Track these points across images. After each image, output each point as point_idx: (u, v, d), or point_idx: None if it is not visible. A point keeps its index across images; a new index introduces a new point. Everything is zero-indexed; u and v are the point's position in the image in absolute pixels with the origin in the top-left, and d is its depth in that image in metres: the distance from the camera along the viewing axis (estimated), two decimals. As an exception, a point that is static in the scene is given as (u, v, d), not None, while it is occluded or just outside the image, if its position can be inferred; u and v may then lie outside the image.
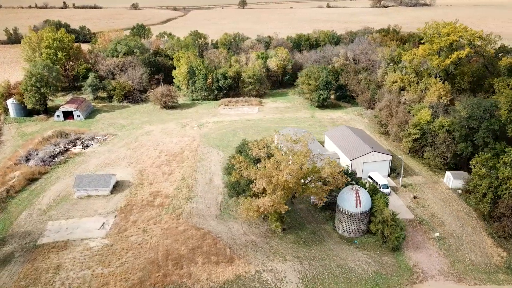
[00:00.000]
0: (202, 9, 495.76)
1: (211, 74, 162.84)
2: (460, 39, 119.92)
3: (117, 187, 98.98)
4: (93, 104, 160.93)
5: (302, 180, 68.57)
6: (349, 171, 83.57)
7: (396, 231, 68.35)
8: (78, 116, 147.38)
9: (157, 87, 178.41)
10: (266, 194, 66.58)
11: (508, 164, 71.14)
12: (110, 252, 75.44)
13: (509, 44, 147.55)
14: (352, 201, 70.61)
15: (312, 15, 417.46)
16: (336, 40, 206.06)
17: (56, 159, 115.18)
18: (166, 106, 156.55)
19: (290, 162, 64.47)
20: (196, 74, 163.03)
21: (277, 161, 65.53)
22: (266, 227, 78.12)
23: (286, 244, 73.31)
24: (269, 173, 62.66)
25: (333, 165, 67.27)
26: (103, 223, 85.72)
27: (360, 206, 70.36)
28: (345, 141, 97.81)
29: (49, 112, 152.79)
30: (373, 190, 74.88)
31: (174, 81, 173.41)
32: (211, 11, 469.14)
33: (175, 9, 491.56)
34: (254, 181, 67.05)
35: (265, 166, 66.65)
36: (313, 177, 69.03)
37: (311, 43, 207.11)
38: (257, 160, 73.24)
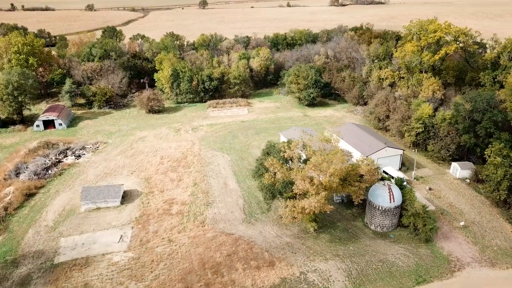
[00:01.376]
0: (162, 10, 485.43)
1: (196, 76, 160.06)
2: (446, 35, 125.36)
3: (126, 197, 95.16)
4: (72, 111, 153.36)
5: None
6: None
7: (429, 223, 70.63)
8: (60, 124, 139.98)
9: (137, 91, 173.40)
10: (306, 195, 66.53)
11: (522, 153, 75.74)
12: (139, 266, 72.41)
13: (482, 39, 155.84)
14: (385, 196, 72.16)
15: (276, 14, 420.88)
16: (312, 39, 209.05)
17: (49, 171, 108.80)
18: (152, 111, 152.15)
19: (332, 162, 64.80)
20: (181, 76, 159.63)
21: (316, 162, 65.57)
22: (297, 228, 78.06)
23: (322, 244, 73.68)
24: (320, 167, 62.40)
25: (369, 162, 68.36)
26: (121, 236, 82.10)
27: (394, 201, 72.10)
28: (356, 138, 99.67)
29: (26, 122, 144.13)
30: (400, 185, 76.89)
31: (156, 84, 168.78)
32: (171, 12, 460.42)
33: (133, 10, 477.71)
34: (294, 183, 66.75)
35: (303, 168, 66.55)
36: (352, 175, 69.80)
37: (288, 43, 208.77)
38: (288, 161, 72.95)
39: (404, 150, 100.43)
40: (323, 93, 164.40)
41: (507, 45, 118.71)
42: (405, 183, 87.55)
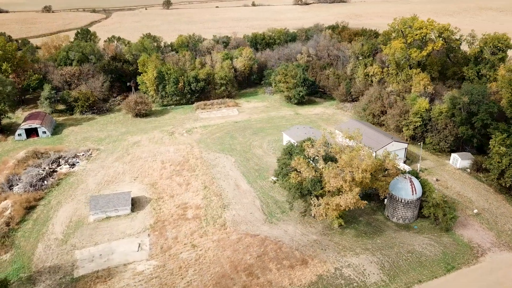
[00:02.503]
0: (124, 10, 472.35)
1: (182, 77, 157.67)
2: (431, 31, 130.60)
3: (134, 204, 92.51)
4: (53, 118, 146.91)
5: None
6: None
7: (450, 212, 73.73)
8: (44, 132, 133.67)
9: (119, 95, 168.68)
10: (339, 193, 67.59)
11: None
12: (167, 273, 70.77)
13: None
14: (408, 189, 74.55)
15: (243, 13, 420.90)
16: (291, 38, 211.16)
17: (45, 182, 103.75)
18: (139, 115, 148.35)
19: (363, 158, 66.15)
20: (166, 78, 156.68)
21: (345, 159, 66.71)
22: (321, 225, 79.01)
23: (349, 239, 75.05)
24: (351, 163, 63.46)
25: (394, 157, 70.37)
26: (139, 244, 79.84)
27: (416, 193, 74.62)
28: (362, 134, 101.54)
29: (5, 131, 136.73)
30: (416, 177, 79.58)
31: (139, 87, 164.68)
32: (135, 12, 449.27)
33: (94, 11, 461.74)
34: (322, 181, 67.56)
35: (333, 165, 67.53)
36: (378, 170, 71.49)
37: (267, 42, 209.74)
38: (312, 160, 73.69)
39: (408, 143, 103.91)
40: (309, 91, 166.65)
41: (488, 40, 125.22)
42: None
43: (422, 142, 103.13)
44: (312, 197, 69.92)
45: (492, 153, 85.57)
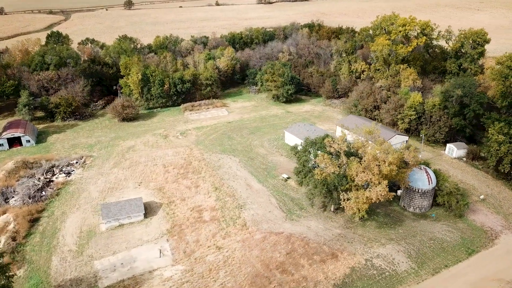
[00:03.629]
0: (83, 12, 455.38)
1: (168, 79, 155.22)
2: (414, 28, 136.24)
3: (145, 210, 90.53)
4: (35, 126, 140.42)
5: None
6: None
7: (462, 199, 77.81)
8: (28, 141, 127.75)
9: (100, 99, 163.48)
10: (362, 186, 69.62)
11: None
12: (197, 277, 70.15)
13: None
14: (424, 179, 77.90)
15: (209, 13, 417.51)
16: (269, 37, 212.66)
17: (43, 192, 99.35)
18: (126, 119, 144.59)
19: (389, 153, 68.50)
20: (151, 80, 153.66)
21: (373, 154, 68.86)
22: (341, 219, 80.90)
23: (372, 230, 77.41)
24: (377, 158, 65.61)
25: (413, 149, 73.36)
26: (160, 250, 78.45)
27: (432, 183, 78.12)
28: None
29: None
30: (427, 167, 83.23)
31: (122, 91, 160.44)
32: (96, 14, 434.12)
33: (51, 12, 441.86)
34: (347, 176, 69.39)
35: (360, 160, 69.51)
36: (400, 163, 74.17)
37: (245, 41, 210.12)
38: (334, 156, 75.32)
39: (409, 136, 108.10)
40: (296, 89, 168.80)
41: (467, 35, 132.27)
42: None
43: (424, 135, 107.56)
44: (339, 192, 71.49)
45: (491, 141, 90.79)
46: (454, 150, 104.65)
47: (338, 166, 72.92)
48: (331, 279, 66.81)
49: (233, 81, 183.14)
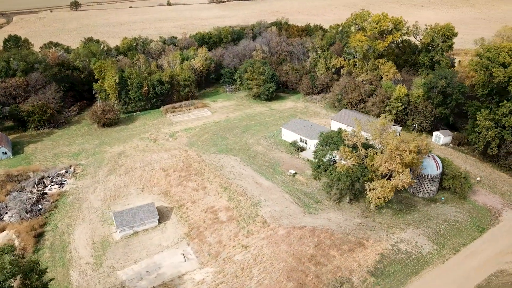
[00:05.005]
0: (25, 14, 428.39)
1: (146, 81, 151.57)
2: (389, 24, 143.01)
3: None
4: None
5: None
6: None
7: (466, 182, 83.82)
8: (5, 153, 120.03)
9: (72, 105, 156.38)
10: (386, 175, 73.06)
11: (508, 114, 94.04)
12: (231, 277, 70.24)
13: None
14: (433, 166, 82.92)
15: (164, 13, 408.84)
16: (237, 36, 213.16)
17: (40, 206, 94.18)
18: (107, 124, 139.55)
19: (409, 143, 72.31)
20: (129, 83, 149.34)
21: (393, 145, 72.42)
22: (358, 209, 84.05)
23: (389, 217, 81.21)
24: (399, 147, 69.34)
25: (423, 138, 77.89)
26: (183, 254, 77.51)
27: (440, 168, 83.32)
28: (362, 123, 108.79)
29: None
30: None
31: (97, 95, 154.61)
32: (40, 16, 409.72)
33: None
34: (372, 165, 72.51)
35: (382, 151, 72.84)
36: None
37: (214, 41, 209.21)
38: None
39: (401, 127, 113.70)
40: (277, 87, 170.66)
41: (437, 30, 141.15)
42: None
43: (417, 124, 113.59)
44: (365, 182, 74.44)
45: (479, 127, 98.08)
46: (441, 137, 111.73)
47: (358, 158, 75.77)
48: (364, 266, 69.54)
49: (208, 81, 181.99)
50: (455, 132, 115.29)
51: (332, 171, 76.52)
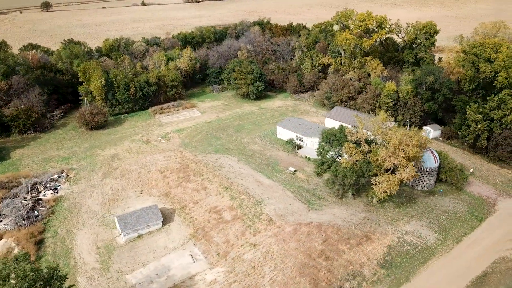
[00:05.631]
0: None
1: (133, 83, 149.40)
2: (373, 23, 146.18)
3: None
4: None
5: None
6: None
7: (462, 174, 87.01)
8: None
9: (57, 109, 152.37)
10: (390, 170, 75.05)
11: (496, 107, 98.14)
12: (243, 276, 70.60)
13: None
14: (431, 159, 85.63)
15: (140, 14, 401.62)
16: (220, 36, 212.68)
17: (36, 212, 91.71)
18: (95, 127, 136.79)
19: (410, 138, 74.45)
20: (116, 85, 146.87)
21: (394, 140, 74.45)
22: (360, 203, 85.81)
23: (392, 210, 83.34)
24: (403, 141, 71.58)
25: (422, 132, 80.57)
26: (191, 255, 77.29)
27: (437, 162, 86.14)
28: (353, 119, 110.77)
29: None
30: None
31: (82, 98, 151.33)
32: (9, 17, 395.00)
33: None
34: (375, 160, 74.41)
35: (386, 146, 74.83)
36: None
37: (197, 41, 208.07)
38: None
39: (393, 122, 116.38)
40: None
41: (420, 27, 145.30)
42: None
43: (409, 119, 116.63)
44: (370, 177, 76.17)
45: (469, 120, 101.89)
46: (431, 131, 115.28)
47: (362, 153, 77.47)
48: (373, 259, 71.22)
49: (193, 81, 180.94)
50: (443, 126, 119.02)
51: (337, 167, 77.86)
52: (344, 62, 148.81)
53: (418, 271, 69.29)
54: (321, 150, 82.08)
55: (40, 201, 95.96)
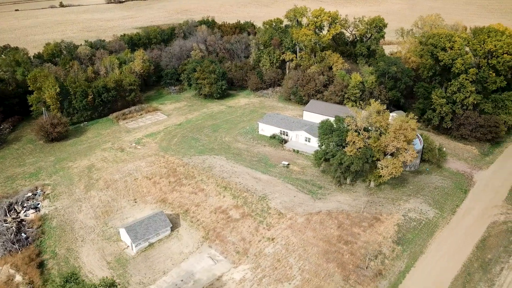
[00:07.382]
0: None
1: (91, 89, 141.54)
2: (329, 18, 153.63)
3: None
4: None
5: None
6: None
7: (442, 152, 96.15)
8: None
9: (3, 122, 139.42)
10: (392, 153, 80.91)
11: (456, 91, 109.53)
12: (270, 269, 72.00)
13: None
14: (417, 141, 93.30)
15: (62, 16, 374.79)
16: (167, 36, 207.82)
17: (24, 234, 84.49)
18: (56, 138, 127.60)
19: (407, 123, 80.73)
20: (72, 93, 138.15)
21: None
22: (359, 188, 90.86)
23: (390, 191, 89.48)
24: (401, 126, 77.71)
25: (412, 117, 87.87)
26: (210, 257, 76.92)
27: (422, 143, 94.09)
28: (328, 111, 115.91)
29: None
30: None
31: (32, 108, 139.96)
32: None
33: None
34: (378, 146, 79.93)
35: (387, 132, 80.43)
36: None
37: (144, 42, 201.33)
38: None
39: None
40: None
41: (370, 22, 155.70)
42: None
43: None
44: (373, 162, 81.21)
45: (434, 104, 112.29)
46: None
47: (363, 141, 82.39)
48: (388, 237, 76.44)
49: (148, 84, 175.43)
50: (406, 112, 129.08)
51: (342, 155, 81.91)
52: (303, 58, 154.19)
53: (428, 243, 75.76)
54: (323, 141, 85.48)
55: (24, 222, 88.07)
